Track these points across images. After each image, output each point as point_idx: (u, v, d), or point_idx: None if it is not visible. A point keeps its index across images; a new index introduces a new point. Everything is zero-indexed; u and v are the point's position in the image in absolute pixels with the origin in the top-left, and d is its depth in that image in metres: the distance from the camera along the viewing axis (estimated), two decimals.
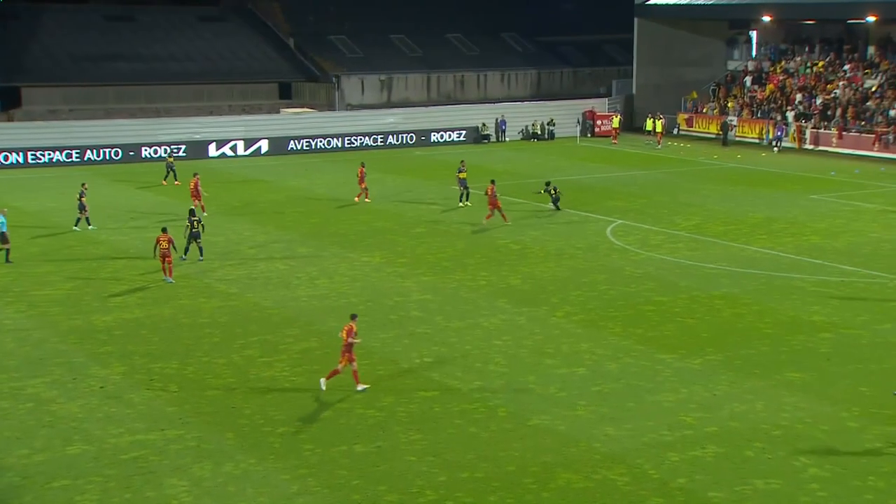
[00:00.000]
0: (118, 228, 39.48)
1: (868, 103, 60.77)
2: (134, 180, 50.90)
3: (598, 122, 68.38)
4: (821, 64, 66.57)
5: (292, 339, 26.09)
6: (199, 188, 41.35)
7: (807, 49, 69.20)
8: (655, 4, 69.30)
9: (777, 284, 30.94)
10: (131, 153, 57.52)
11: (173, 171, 49.37)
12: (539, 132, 67.29)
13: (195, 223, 33.83)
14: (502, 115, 66.90)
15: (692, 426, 20.57)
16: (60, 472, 18.61)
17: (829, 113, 61.70)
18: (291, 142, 61.34)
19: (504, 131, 66.42)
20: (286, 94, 72.76)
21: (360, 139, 63.05)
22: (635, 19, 70.40)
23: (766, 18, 66.78)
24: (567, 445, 19.76)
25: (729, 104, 67.02)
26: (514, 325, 27.34)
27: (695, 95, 68.55)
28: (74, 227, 38.73)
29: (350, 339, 22.11)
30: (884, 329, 26.52)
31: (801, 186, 48.10)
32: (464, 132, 65.62)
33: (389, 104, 71.47)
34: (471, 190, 44.08)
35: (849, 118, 60.28)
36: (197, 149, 58.56)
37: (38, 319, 27.78)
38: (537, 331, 26.81)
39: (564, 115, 68.24)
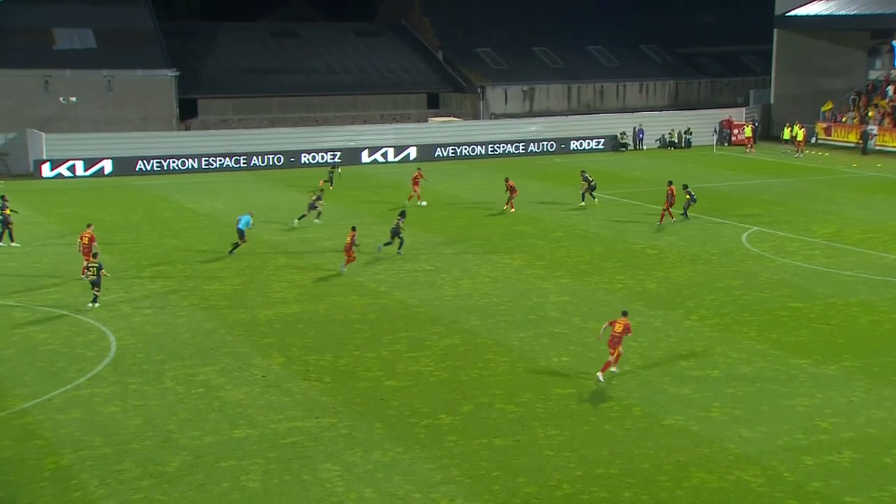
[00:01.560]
0: (279, 228, 40.65)
1: None
2: (296, 184, 52.33)
3: (735, 132, 66.60)
4: None
5: (437, 336, 26.34)
6: (419, 180, 44.82)
7: None
8: (796, 16, 67.01)
9: None
10: (292, 159, 59.17)
11: (331, 178, 50.31)
12: (676, 141, 66.01)
13: (400, 223, 35.22)
14: (640, 124, 65.93)
15: (828, 431, 19.83)
16: (228, 453, 19.29)
17: None
18: (438, 149, 61.95)
19: (642, 140, 65.42)
20: (434, 104, 73.55)
21: (503, 146, 63.17)
22: (775, 30, 68.24)
23: None
24: (701, 445, 19.33)
25: (870, 113, 64.23)
26: (649, 327, 26.91)
27: (830, 105, 65.93)
28: None
29: (625, 334, 22.62)
30: None
31: None
32: (602, 140, 64.95)
33: (531, 113, 71.36)
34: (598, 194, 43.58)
35: None
36: (351, 155, 59.84)
37: (209, 312, 28.87)
38: (672, 333, 26.32)
39: (701, 124, 66.76)
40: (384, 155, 60.82)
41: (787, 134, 63.54)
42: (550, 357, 24.61)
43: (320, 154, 59.26)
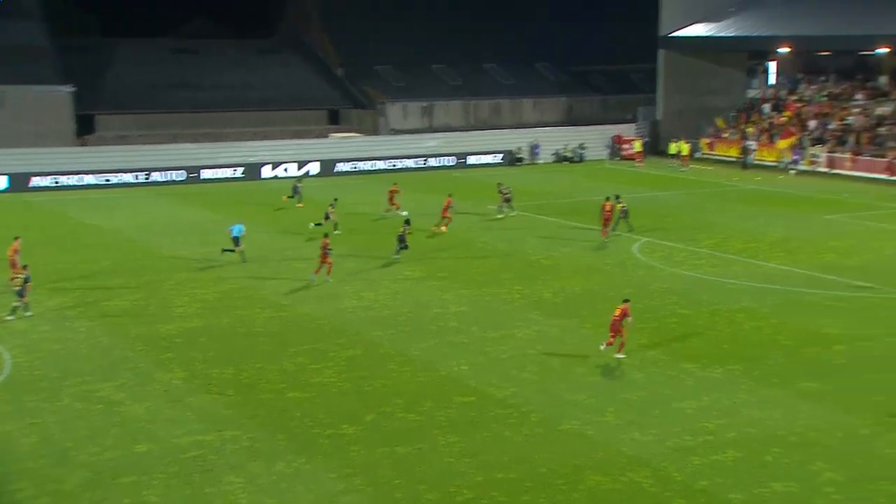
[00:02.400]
0: (182, 243, 39.87)
1: (880, 129, 60.02)
2: (198, 200, 51.40)
3: (625, 146, 68.17)
4: (834, 92, 65.92)
5: (339, 348, 26.19)
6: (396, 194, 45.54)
7: (822, 78, 68.52)
8: (679, 37, 69.00)
9: (794, 299, 30.61)
10: (193, 174, 58.13)
11: (299, 192, 49.20)
12: (570, 155, 67.21)
13: (405, 229, 36.39)
14: (536, 140, 66.96)
15: (713, 432, 20.38)
16: (128, 469, 18.79)
17: (843, 138, 61.02)
18: (339, 164, 61.72)
19: (537, 154, 66.43)
20: (335, 120, 73.26)
21: (403, 161, 63.31)
22: (659, 50, 70.18)
23: (784, 50, 66.26)
24: (596, 449, 19.66)
25: (749, 129, 66.49)
26: (546, 335, 27.27)
27: (721, 124, 68.03)
28: None
29: (623, 318, 24.42)
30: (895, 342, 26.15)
31: (816, 207, 47.56)
32: (500, 155, 65.73)
33: (430, 129, 71.70)
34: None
35: (862, 143, 59.58)
36: (252, 170, 59.16)
37: (109, 328, 28.10)
38: (568, 341, 26.71)
39: (594, 139, 68.16)
40: (286, 170, 60.32)
41: (673, 149, 65.30)
42: (451, 366, 24.71)
43: (222, 169, 58.40)
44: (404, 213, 44.54)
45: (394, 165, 62.90)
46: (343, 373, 24.23)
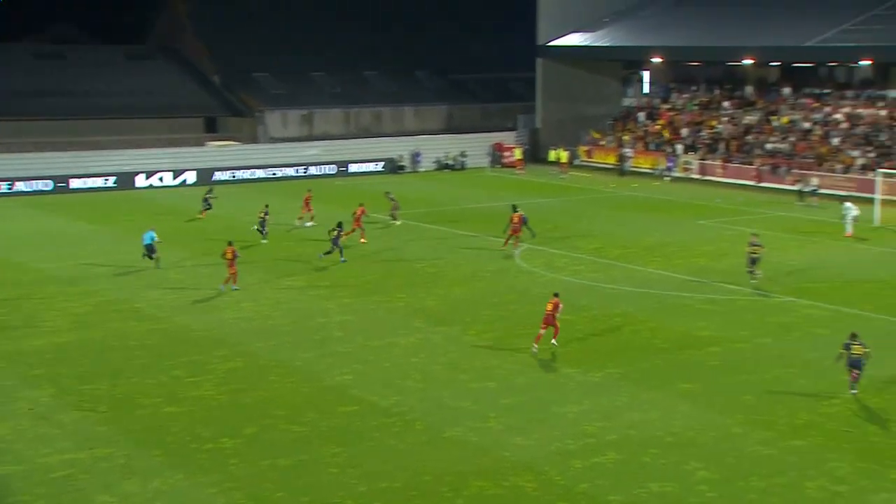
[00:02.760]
0: (51, 256, 38.44)
1: (748, 137, 62.56)
2: (68, 211, 49.61)
3: (506, 154, 69.16)
4: (704, 101, 68.41)
5: (219, 360, 25.69)
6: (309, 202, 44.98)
7: (693, 88, 71.00)
8: (555, 46, 70.43)
9: (670, 303, 31.55)
10: (61, 184, 56.15)
11: (209, 204, 47.98)
12: (451, 163, 67.77)
13: (339, 232, 37.00)
14: (417, 148, 67.26)
15: (594, 435, 20.80)
16: None
17: (714, 146, 63.35)
18: (217, 173, 60.64)
19: (419, 162, 66.75)
20: (212, 128, 71.84)
21: (283, 170, 62.66)
22: (537, 59, 71.49)
23: (656, 60, 68.39)
24: (479, 455, 19.81)
25: (625, 137, 68.33)
26: (429, 343, 27.36)
27: (597, 135, 69.60)
28: None
29: (555, 311, 26.06)
30: (764, 343, 27.21)
31: (689, 213, 49.16)
32: (381, 163, 65.77)
33: (311, 137, 71.12)
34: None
35: (732, 151, 61.96)
36: (125, 180, 57.53)
37: None
38: (451, 348, 26.87)
39: (475, 147, 68.89)
40: (161, 179, 58.89)
41: (552, 156, 66.62)
42: (334, 376, 24.54)
43: (92, 178, 56.57)
44: (310, 224, 44.04)
45: (274, 174, 62.19)
46: (222, 385, 23.77)
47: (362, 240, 41.09)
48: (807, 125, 60.87)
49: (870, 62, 58.46)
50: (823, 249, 39.67)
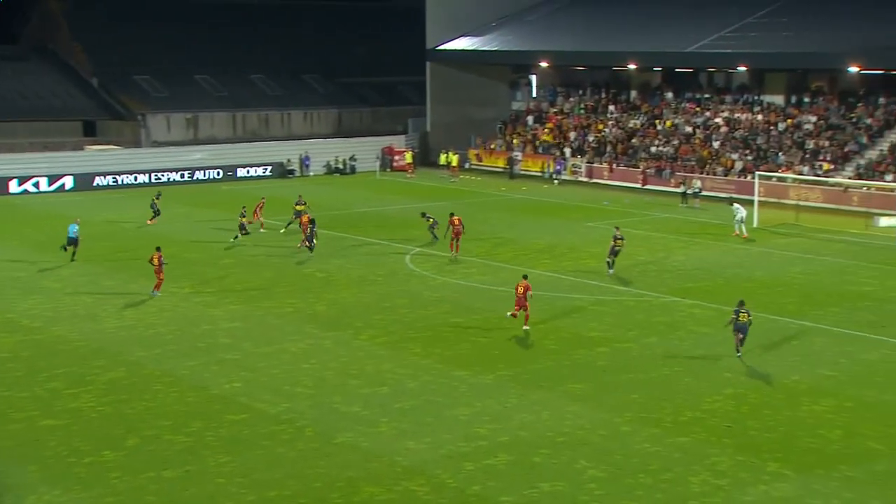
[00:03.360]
0: None
1: (633, 141, 64.14)
2: None
3: (396, 158, 69.22)
4: (590, 105, 69.86)
5: (99, 370, 24.92)
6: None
7: (580, 92, 72.40)
8: (444, 50, 70.87)
9: (560, 304, 32.04)
10: None
11: (157, 210, 46.36)
12: (341, 167, 67.49)
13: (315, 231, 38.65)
14: (306, 152, 66.79)
15: (486, 437, 20.95)
16: None
17: (601, 149, 64.71)
18: (97, 178, 58.92)
19: (308, 166, 66.27)
20: (91, 132, 69.71)
21: (168, 174, 61.30)
22: (427, 63, 71.81)
23: (543, 64, 69.50)
24: (370, 460, 19.73)
25: (514, 141, 69.19)
26: (320, 348, 27.14)
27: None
28: None
29: (526, 293, 28.16)
30: (650, 342, 27.89)
31: (578, 215, 50.08)
32: (269, 167, 65.03)
33: (196, 141, 69.79)
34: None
35: (618, 154, 63.41)
36: None
37: None
38: (342, 353, 26.70)
39: (365, 151, 68.75)
40: (36, 185, 56.90)
41: (443, 160, 66.99)
42: (222, 384, 24.09)
43: None
44: (263, 231, 43.61)
45: (158, 179, 60.76)
46: (103, 396, 23.07)
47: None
48: (689, 129, 62.75)
49: (745, 68, 60.67)
50: (706, 250, 40.93)
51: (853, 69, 54.58)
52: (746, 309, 26.25)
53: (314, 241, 38.98)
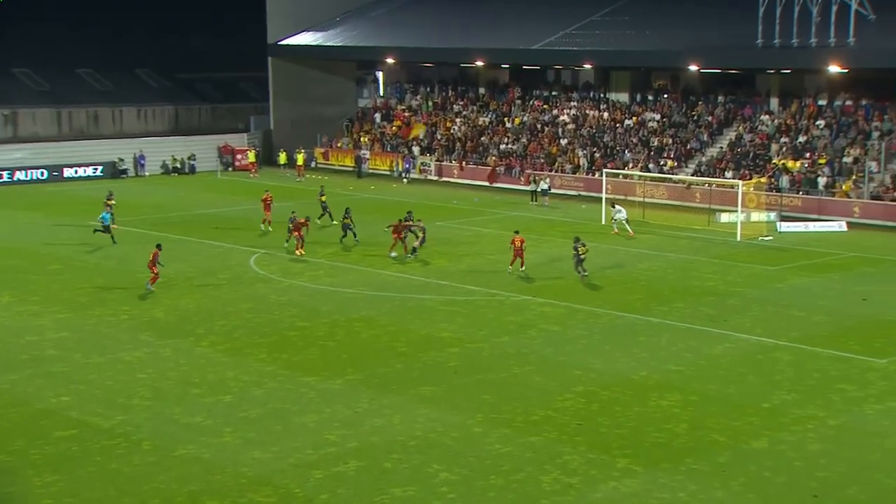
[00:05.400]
0: None
1: (482, 138, 65.10)
2: None
3: (238, 157, 68.06)
4: (438, 102, 70.52)
5: None
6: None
7: (427, 89, 72.96)
8: (287, 45, 70.13)
9: (410, 305, 32.17)
10: None
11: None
12: (179, 167, 65.85)
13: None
14: (140, 150, 64.90)
15: (335, 443, 20.81)
16: None
17: (450, 147, 65.37)
18: None
19: (143, 166, 64.40)
20: None
21: None
22: (269, 58, 70.89)
23: (390, 60, 69.67)
24: (213, 473, 19.29)
25: (363, 139, 69.10)
26: (158, 357, 26.39)
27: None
28: None
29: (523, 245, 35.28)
30: (502, 342, 28.34)
31: (428, 214, 50.24)
32: (101, 167, 62.83)
33: (16, 139, 66.64)
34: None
35: (467, 151, 64.22)
36: None
37: None
38: (183, 362, 26.04)
39: (204, 150, 67.35)
40: None
41: (283, 159, 66.33)
42: (48, 398, 23.07)
43: None
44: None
45: None
46: None
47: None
48: (537, 126, 64.16)
49: (591, 66, 62.50)
50: (555, 248, 41.88)
51: (693, 68, 57.04)
52: (583, 241, 35.34)
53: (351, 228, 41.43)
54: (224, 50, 79.42)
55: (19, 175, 59.54)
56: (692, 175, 54.41)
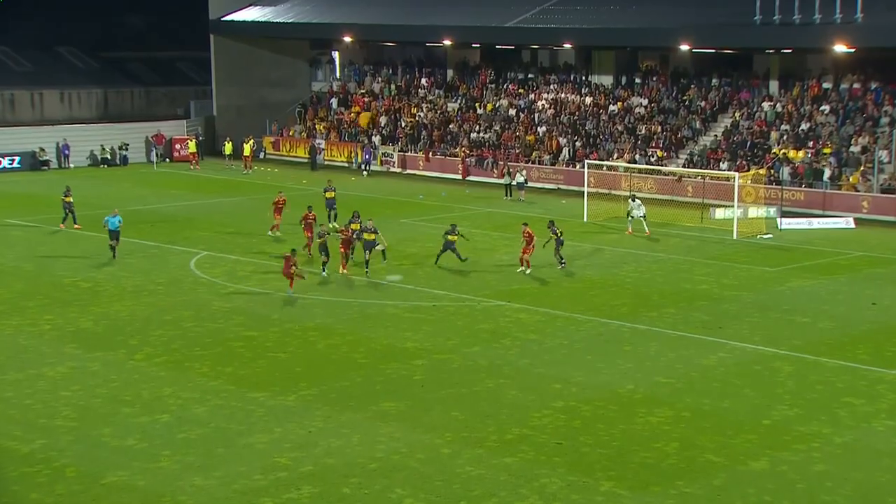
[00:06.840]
0: None
1: (451, 126, 65.17)
2: None
3: (177, 147, 67.68)
4: (402, 85, 70.50)
5: None
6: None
7: (389, 71, 72.95)
8: (231, 21, 69.84)
9: (371, 312, 32.15)
10: None
11: (72, 212, 44.06)
12: (109, 157, 65.44)
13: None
14: (65, 139, 64.44)
15: (287, 467, 20.75)
16: None
17: (415, 136, 65.38)
18: None
19: (68, 157, 63.97)
20: None
21: None
22: (211, 36, 70.56)
23: (347, 39, 69.55)
24: (148, 501, 19.18)
25: (317, 127, 68.96)
26: (85, 372, 26.22)
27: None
28: None
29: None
30: (472, 352, 28.38)
31: (390, 210, 50.39)
32: (18, 158, 62.36)
33: None
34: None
35: (434, 141, 64.26)
36: None
37: None
38: (113, 377, 25.88)
39: (138, 138, 67.01)
40: None
41: (228, 149, 66.07)
42: None
43: None
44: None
45: None
46: None
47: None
48: (512, 112, 64.31)
49: (571, 45, 62.66)
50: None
51: (684, 47, 57.40)
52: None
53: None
54: (160, 26, 79.02)
55: None
56: (684, 167, 54.81)
